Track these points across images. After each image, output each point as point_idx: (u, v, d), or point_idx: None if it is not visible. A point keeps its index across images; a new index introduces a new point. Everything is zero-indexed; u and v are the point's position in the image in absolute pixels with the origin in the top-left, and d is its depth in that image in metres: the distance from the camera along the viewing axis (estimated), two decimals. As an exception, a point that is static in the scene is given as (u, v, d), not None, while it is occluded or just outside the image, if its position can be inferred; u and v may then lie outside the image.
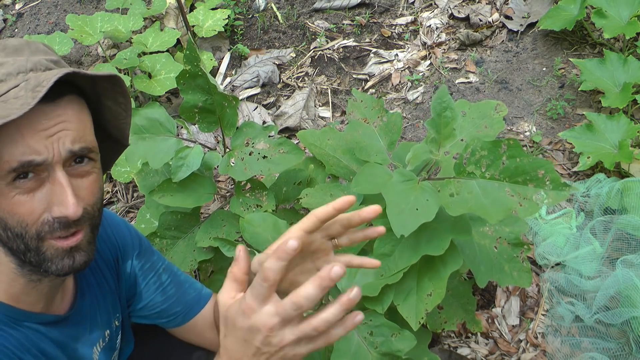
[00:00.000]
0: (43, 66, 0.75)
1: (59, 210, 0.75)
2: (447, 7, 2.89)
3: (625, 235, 1.81)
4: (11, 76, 0.73)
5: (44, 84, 0.70)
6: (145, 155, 1.36)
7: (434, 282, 1.17)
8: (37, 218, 0.76)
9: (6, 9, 3.35)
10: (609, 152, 2.05)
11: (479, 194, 1.02)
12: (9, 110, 0.69)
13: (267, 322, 0.70)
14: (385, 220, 1.14)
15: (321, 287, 0.67)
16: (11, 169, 0.72)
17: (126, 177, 2.30)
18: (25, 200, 0.74)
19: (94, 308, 1.00)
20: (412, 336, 1.14)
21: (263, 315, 0.70)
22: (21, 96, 0.71)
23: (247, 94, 2.72)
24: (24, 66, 0.74)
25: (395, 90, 2.63)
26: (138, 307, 1.14)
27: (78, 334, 0.95)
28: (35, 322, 0.86)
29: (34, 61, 0.75)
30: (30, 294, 0.85)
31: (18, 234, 0.76)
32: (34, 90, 0.70)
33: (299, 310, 0.69)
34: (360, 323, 0.78)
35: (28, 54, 0.76)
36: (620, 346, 1.64)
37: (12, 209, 0.75)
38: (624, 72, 2.22)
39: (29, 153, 0.72)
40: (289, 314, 0.69)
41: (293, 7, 3.06)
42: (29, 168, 0.73)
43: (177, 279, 1.17)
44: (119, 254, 1.08)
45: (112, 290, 1.06)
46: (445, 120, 1.10)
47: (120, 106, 0.85)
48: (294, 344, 0.71)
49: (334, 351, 1.15)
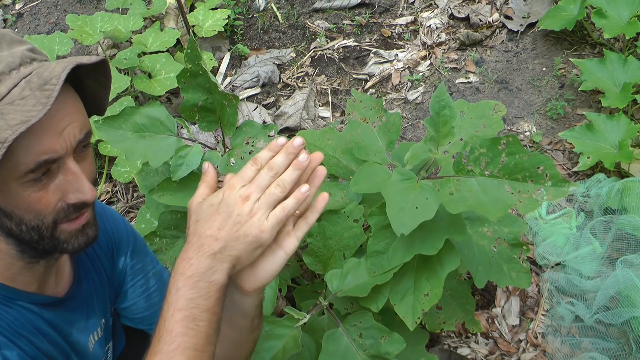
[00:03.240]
0: (28, 58, 0.75)
1: (76, 197, 0.78)
2: (447, 7, 2.90)
3: (625, 235, 1.81)
4: (4, 75, 0.72)
5: (53, 81, 0.70)
6: (145, 153, 1.36)
7: (431, 282, 1.17)
8: (53, 208, 0.77)
9: (6, 9, 3.35)
10: (609, 152, 2.05)
11: (479, 191, 1.02)
12: (24, 113, 0.68)
13: (242, 193, 0.78)
14: (382, 218, 1.14)
15: (286, 154, 0.79)
16: (28, 170, 0.72)
17: (126, 177, 2.30)
18: (41, 196, 0.76)
19: (91, 294, 1.01)
20: (401, 339, 1.14)
21: (240, 190, 0.78)
22: (27, 96, 0.70)
23: (247, 94, 2.72)
24: (12, 62, 0.73)
25: (395, 90, 2.63)
26: (122, 306, 1.14)
27: (73, 319, 0.96)
28: (29, 302, 0.87)
29: (17, 55, 0.74)
30: (26, 275, 0.86)
31: (34, 226, 0.78)
32: (42, 89, 0.70)
33: (272, 172, 0.78)
34: (326, 204, 0.85)
35: (6, 47, 0.74)
36: (620, 346, 1.64)
37: (28, 205, 0.76)
38: (624, 72, 2.22)
39: (45, 152, 0.73)
40: (262, 181, 0.78)
41: (293, 7, 3.06)
42: (45, 166, 0.74)
43: (164, 288, 1.17)
44: (114, 247, 1.09)
45: (109, 279, 1.07)
46: (444, 118, 1.10)
47: (101, 85, 0.85)
48: (264, 208, 0.77)
49: (322, 353, 1.15)
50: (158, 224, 1.56)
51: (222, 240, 0.77)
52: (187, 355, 0.73)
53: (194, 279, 0.77)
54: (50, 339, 0.90)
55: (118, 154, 2.33)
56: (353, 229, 1.34)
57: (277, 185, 0.78)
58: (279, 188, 0.78)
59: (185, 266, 0.78)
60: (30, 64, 0.74)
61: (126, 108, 1.37)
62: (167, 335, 0.75)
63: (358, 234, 1.34)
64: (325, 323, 1.30)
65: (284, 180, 0.78)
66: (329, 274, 1.24)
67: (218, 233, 0.77)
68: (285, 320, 1.19)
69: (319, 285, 1.57)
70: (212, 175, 0.87)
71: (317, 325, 1.30)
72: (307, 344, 1.25)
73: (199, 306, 0.76)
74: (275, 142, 0.81)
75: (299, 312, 1.18)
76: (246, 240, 0.77)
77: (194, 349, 0.74)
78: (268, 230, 0.77)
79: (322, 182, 0.83)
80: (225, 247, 0.77)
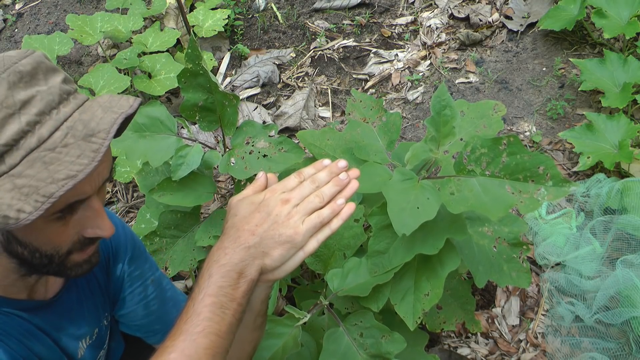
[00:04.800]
0: (65, 94, 0.72)
1: (94, 233, 0.79)
2: (447, 7, 2.90)
3: (625, 235, 1.81)
4: (45, 116, 0.69)
5: (101, 135, 0.68)
6: (145, 153, 1.36)
7: (431, 282, 1.17)
8: (70, 240, 0.78)
9: (6, 9, 3.35)
10: (609, 152, 2.05)
11: (480, 191, 1.02)
12: (69, 165, 0.66)
13: (283, 197, 0.83)
14: (383, 218, 1.14)
15: (330, 172, 0.86)
16: (57, 210, 0.72)
17: (126, 177, 2.30)
18: (62, 230, 0.76)
19: (80, 302, 1.01)
20: (402, 339, 1.14)
21: (281, 195, 0.84)
22: (71, 144, 0.68)
23: (247, 94, 2.72)
24: (52, 100, 0.69)
25: (395, 90, 2.63)
26: (119, 313, 1.14)
27: (62, 325, 0.95)
28: (18, 309, 0.87)
29: (56, 91, 0.70)
30: (18, 285, 0.86)
31: (49, 255, 0.78)
32: (87, 140, 0.68)
33: (314, 184, 0.85)
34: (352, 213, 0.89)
35: (43, 78, 0.70)
36: (620, 346, 1.64)
37: (48, 239, 0.76)
38: (624, 72, 2.22)
39: (77, 195, 0.73)
40: (304, 191, 0.84)
41: (293, 7, 3.06)
42: (74, 206, 0.74)
43: (163, 296, 1.17)
44: (111, 255, 1.08)
45: (102, 288, 1.06)
46: (445, 118, 1.10)
47: None
48: (301, 213, 0.82)
49: (323, 352, 1.15)
50: (158, 223, 1.56)
51: (258, 236, 0.81)
52: (209, 340, 0.76)
53: (226, 268, 0.80)
54: (42, 342, 0.90)
55: (118, 154, 2.33)
56: (353, 228, 1.34)
57: (317, 195, 0.84)
58: (318, 198, 0.83)
59: (220, 255, 0.81)
60: (67, 100, 0.71)
61: (126, 108, 1.37)
62: (195, 317, 0.77)
63: (358, 233, 1.34)
64: (325, 323, 1.29)
65: (324, 192, 0.84)
66: (330, 273, 1.24)
67: (255, 229, 0.82)
68: (285, 319, 1.19)
69: (319, 285, 1.57)
70: (261, 183, 0.92)
71: (317, 324, 1.30)
72: (308, 344, 1.25)
73: (227, 295, 0.79)
74: (321, 162, 0.89)
75: (300, 311, 1.18)
76: (280, 239, 0.81)
77: (216, 335, 0.77)
78: (302, 233, 0.81)
79: (353, 194, 0.87)
80: (260, 242, 0.81)
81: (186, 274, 2.01)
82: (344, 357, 1.14)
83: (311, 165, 0.89)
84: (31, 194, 0.65)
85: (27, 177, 0.66)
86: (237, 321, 0.80)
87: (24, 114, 0.67)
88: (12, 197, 0.65)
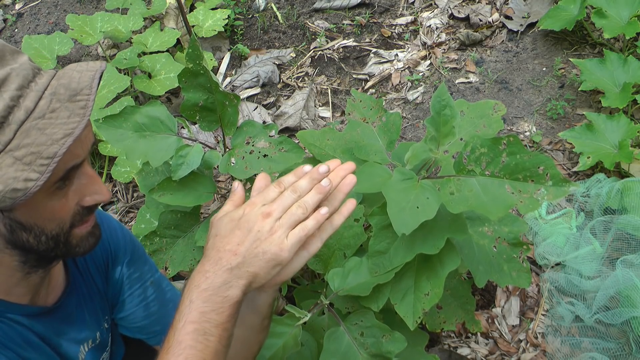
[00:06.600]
0: (36, 68, 0.74)
1: (93, 199, 0.79)
2: (447, 7, 2.90)
3: (625, 235, 1.81)
4: (24, 89, 0.70)
5: (85, 91, 0.70)
6: (145, 153, 1.36)
7: (431, 281, 1.17)
8: (71, 212, 0.78)
9: (6, 9, 3.35)
10: (609, 152, 2.05)
11: (479, 191, 1.02)
12: (63, 126, 0.68)
13: (264, 211, 0.79)
14: (383, 218, 1.14)
15: (311, 179, 0.81)
16: (58, 179, 0.73)
17: (126, 177, 2.30)
18: (63, 203, 0.76)
19: (81, 307, 1.00)
20: (402, 338, 1.14)
21: (261, 208, 0.80)
22: (58, 108, 0.69)
23: (247, 94, 2.72)
24: (27, 74, 0.71)
25: (395, 90, 2.63)
26: (119, 316, 1.13)
27: (62, 330, 0.95)
28: (20, 314, 0.87)
29: (27, 66, 0.72)
30: (21, 286, 0.86)
31: (55, 234, 0.78)
32: (72, 100, 0.70)
33: (295, 194, 0.80)
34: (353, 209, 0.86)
35: (11, 58, 0.72)
36: (620, 346, 1.64)
37: (52, 215, 0.76)
38: (624, 72, 2.22)
39: (72, 159, 0.73)
40: (286, 202, 0.80)
41: (293, 7, 3.06)
42: (72, 173, 0.74)
43: (163, 297, 1.16)
44: (110, 258, 1.08)
45: (100, 292, 1.06)
46: (445, 118, 1.10)
47: None
48: (285, 227, 0.78)
49: (323, 351, 1.15)
50: (158, 223, 1.56)
51: (240, 256, 0.77)
52: None
53: (208, 292, 0.76)
54: (40, 351, 0.89)
55: (118, 154, 2.33)
56: (354, 228, 1.34)
57: (299, 206, 0.79)
58: (301, 209, 0.79)
59: (201, 279, 0.77)
60: (39, 74, 0.73)
61: (126, 107, 1.37)
62: (176, 347, 0.74)
63: (358, 233, 1.34)
64: (325, 322, 1.30)
65: (306, 202, 0.80)
66: (331, 273, 1.24)
67: (237, 248, 0.77)
68: (285, 319, 1.19)
69: (319, 285, 1.57)
70: (239, 195, 0.88)
71: (317, 324, 1.30)
72: (308, 343, 1.25)
73: (211, 320, 0.75)
74: (301, 169, 0.84)
75: (300, 310, 1.18)
76: (265, 257, 0.77)
77: None
78: (287, 249, 0.77)
79: (351, 189, 0.84)
80: (244, 262, 0.77)
81: (186, 274, 2.01)
82: (345, 357, 1.14)
83: (291, 173, 0.84)
84: (34, 161, 0.67)
85: (25, 146, 0.67)
86: (225, 347, 0.77)
87: (5, 91, 0.68)
88: (16, 169, 0.67)
